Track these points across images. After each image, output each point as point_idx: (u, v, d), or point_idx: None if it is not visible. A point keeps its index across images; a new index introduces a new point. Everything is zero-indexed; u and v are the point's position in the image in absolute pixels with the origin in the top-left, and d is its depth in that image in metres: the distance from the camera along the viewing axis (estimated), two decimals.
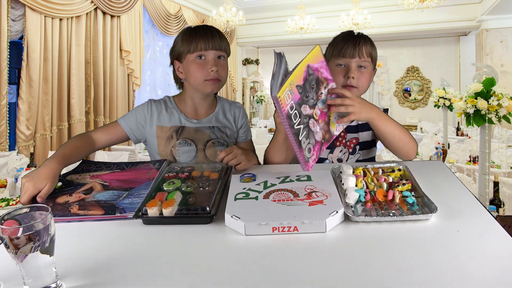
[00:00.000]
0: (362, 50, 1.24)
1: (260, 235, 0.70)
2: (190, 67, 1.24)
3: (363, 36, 1.28)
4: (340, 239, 0.69)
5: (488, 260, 0.60)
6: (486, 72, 2.74)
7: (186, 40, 1.24)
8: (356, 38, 1.26)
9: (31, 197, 0.88)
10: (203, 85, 1.24)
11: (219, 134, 1.33)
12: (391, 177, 0.91)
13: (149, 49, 6.78)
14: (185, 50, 1.24)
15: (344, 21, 6.78)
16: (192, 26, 1.30)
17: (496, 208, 2.42)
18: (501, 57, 7.03)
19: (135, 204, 0.83)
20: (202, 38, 1.22)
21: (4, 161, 3.73)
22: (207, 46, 1.22)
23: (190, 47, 1.22)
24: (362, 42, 1.24)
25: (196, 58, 1.23)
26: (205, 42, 1.22)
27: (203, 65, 1.22)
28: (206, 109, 1.35)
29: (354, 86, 1.24)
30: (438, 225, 0.72)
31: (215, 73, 1.22)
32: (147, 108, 1.31)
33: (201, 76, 1.22)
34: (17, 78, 4.66)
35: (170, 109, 1.33)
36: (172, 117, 1.31)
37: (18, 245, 0.50)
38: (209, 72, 1.22)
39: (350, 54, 1.23)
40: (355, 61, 1.24)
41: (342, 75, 1.25)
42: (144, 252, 0.66)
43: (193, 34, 1.23)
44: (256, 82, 10.51)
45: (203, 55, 1.22)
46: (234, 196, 0.83)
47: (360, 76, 1.24)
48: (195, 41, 1.22)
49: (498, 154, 4.08)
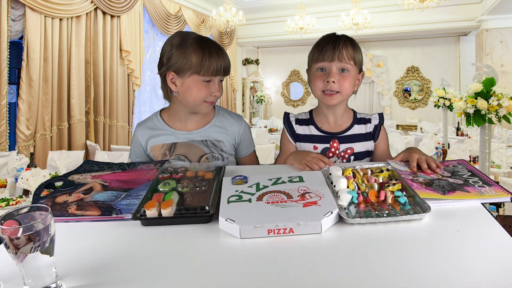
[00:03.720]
0: (342, 52, 1.17)
1: (256, 237, 0.69)
2: (192, 87, 1.19)
3: (344, 38, 1.21)
4: (335, 240, 0.69)
5: (488, 260, 0.60)
6: (486, 72, 2.74)
7: (196, 58, 1.15)
8: (336, 41, 1.19)
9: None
10: (200, 105, 1.22)
11: (213, 148, 1.29)
12: (380, 177, 0.91)
13: (149, 49, 6.78)
14: (193, 69, 1.16)
15: (344, 21, 6.78)
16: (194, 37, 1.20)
17: (496, 208, 2.42)
18: (501, 57, 7.03)
19: (132, 205, 0.83)
20: (216, 62, 1.16)
21: (4, 161, 3.73)
22: (219, 71, 1.18)
23: (200, 68, 1.16)
24: (342, 44, 1.18)
25: (202, 80, 1.18)
26: (218, 66, 1.17)
27: (208, 87, 1.19)
28: (198, 120, 1.31)
29: (335, 90, 1.19)
30: (438, 225, 0.72)
31: (216, 97, 1.21)
32: (137, 131, 1.32)
33: (202, 97, 1.20)
34: (17, 78, 4.66)
35: (160, 127, 1.30)
36: (162, 135, 1.29)
37: (18, 245, 0.50)
38: (211, 95, 1.20)
39: (329, 57, 1.18)
40: (335, 64, 1.18)
41: (322, 80, 1.20)
42: (143, 253, 0.66)
43: (204, 53, 1.16)
44: (256, 82, 10.51)
45: (211, 79, 1.19)
46: (227, 199, 0.82)
47: (342, 80, 1.19)
48: (207, 64, 1.15)
49: (498, 154, 4.07)
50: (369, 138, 1.30)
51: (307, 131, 1.31)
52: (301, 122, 1.34)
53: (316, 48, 1.23)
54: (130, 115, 6.18)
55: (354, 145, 1.28)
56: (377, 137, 1.31)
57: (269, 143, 6.08)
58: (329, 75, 1.18)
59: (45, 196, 0.90)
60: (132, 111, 6.21)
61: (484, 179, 0.90)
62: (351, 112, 1.34)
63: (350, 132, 1.29)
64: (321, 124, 1.31)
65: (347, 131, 1.29)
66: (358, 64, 1.23)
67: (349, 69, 1.20)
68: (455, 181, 0.90)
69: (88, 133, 5.41)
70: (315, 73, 1.23)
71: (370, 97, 9.64)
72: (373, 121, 1.32)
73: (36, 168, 2.84)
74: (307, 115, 1.35)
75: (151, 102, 6.99)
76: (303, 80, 10.28)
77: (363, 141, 1.29)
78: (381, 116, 1.33)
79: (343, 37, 1.22)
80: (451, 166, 1.02)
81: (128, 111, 6.13)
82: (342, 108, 1.29)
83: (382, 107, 9.49)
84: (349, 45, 1.20)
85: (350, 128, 1.30)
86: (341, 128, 1.30)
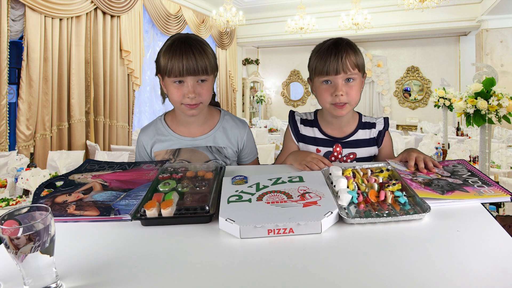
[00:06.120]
0: (346, 64, 1.14)
1: (256, 237, 0.69)
2: (168, 89, 1.17)
3: (345, 45, 1.17)
4: (335, 240, 0.69)
5: (488, 260, 0.60)
6: (486, 72, 2.74)
7: (165, 59, 1.13)
8: (338, 52, 1.14)
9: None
10: (181, 108, 1.18)
11: (217, 154, 1.28)
12: (380, 177, 0.91)
13: (149, 49, 6.78)
14: (164, 70, 1.14)
15: (344, 21, 6.78)
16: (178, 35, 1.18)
17: (496, 208, 2.42)
18: (501, 57, 7.03)
19: (131, 205, 0.83)
20: (180, 62, 1.10)
21: (4, 161, 3.73)
22: (185, 72, 1.11)
23: (166, 69, 1.12)
24: (345, 55, 1.14)
25: (174, 82, 1.15)
26: (182, 67, 1.10)
27: (180, 89, 1.14)
28: (202, 125, 1.29)
29: (345, 102, 1.16)
30: (437, 225, 0.72)
31: (193, 99, 1.15)
32: (142, 136, 1.32)
33: (178, 100, 1.16)
34: (17, 78, 4.66)
35: (164, 133, 1.29)
36: (167, 141, 1.28)
37: (18, 245, 0.50)
38: (185, 97, 1.14)
39: (334, 70, 1.14)
40: (341, 77, 1.15)
41: (330, 93, 1.17)
42: (143, 253, 0.66)
43: (172, 54, 1.12)
44: (256, 82, 10.51)
45: (182, 80, 1.14)
46: (227, 199, 0.82)
47: (349, 90, 1.16)
48: (171, 64, 1.11)
49: (498, 154, 4.07)
50: (372, 144, 1.29)
51: (311, 133, 1.31)
52: (306, 123, 1.33)
53: (318, 59, 1.18)
54: (130, 115, 6.18)
55: (357, 150, 1.27)
56: (381, 143, 1.30)
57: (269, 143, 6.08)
58: (337, 89, 1.15)
59: (45, 196, 0.89)
60: (132, 111, 6.21)
61: (484, 179, 0.90)
62: (356, 116, 1.32)
63: (353, 137, 1.28)
64: (325, 128, 1.30)
65: (350, 136, 1.28)
66: (362, 69, 1.20)
67: (355, 77, 1.17)
68: (454, 181, 0.90)
69: (88, 133, 5.41)
70: (321, 86, 1.20)
71: (370, 97, 9.64)
72: (378, 126, 1.30)
73: (36, 168, 2.84)
74: (312, 116, 1.34)
75: (151, 102, 6.99)
76: (303, 80, 10.27)
77: (366, 147, 1.28)
78: (386, 121, 1.31)
79: (344, 44, 1.17)
80: (450, 166, 1.02)
81: (128, 111, 6.13)
82: (349, 115, 1.27)
83: (382, 107, 9.49)
84: (351, 53, 1.16)
85: (354, 133, 1.28)
86: (345, 133, 1.28)
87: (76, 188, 0.93)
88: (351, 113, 1.28)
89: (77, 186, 0.95)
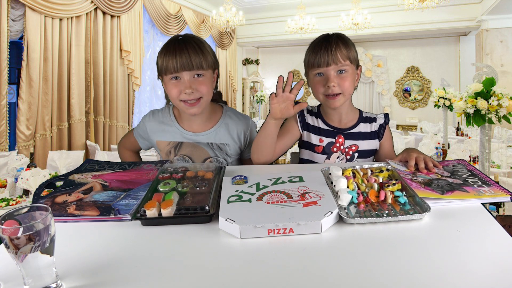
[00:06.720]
0: (337, 55, 1.18)
1: (256, 237, 0.69)
2: (167, 87, 1.21)
3: (335, 38, 1.21)
4: (335, 240, 0.68)
5: (488, 260, 0.60)
6: (486, 72, 2.74)
7: (161, 58, 1.17)
8: (328, 44, 1.19)
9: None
10: (181, 106, 1.21)
11: (218, 151, 1.30)
12: (380, 177, 0.91)
13: (149, 49, 6.78)
14: (161, 69, 1.18)
15: (344, 21, 6.78)
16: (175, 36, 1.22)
17: (496, 208, 2.42)
18: (501, 57, 7.03)
19: (131, 205, 0.83)
20: (175, 58, 1.14)
21: (4, 161, 3.74)
22: (179, 68, 1.15)
23: (163, 67, 1.17)
24: (335, 47, 1.18)
25: (171, 79, 1.18)
26: (177, 63, 1.14)
27: (177, 85, 1.17)
28: (204, 122, 1.31)
29: (337, 93, 1.20)
30: (437, 225, 0.72)
31: (191, 94, 1.17)
32: (148, 120, 1.33)
33: (175, 97, 1.18)
34: (17, 78, 4.66)
35: (169, 123, 1.31)
36: (170, 131, 1.30)
37: (18, 245, 0.50)
38: (183, 93, 1.17)
39: (325, 62, 1.18)
40: (332, 68, 1.19)
41: (322, 85, 1.21)
42: (143, 253, 0.66)
43: (167, 52, 1.16)
44: (256, 82, 10.51)
45: (178, 76, 1.17)
46: (227, 199, 0.82)
47: (341, 81, 1.20)
48: (166, 61, 1.15)
49: (498, 154, 4.08)
50: (374, 137, 1.32)
51: (316, 123, 1.33)
52: (311, 113, 1.35)
53: (310, 53, 1.23)
54: (130, 115, 6.19)
55: (359, 143, 1.29)
56: (382, 136, 1.33)
57: None
58: (328, 80, 1.19)
59: (45, 196, 0.89)
60: (132, 111, 6.22)
61: (484, 179, 0.90)
62: (356, 111, 1.36)
63: (355, 130, 1.31)
64: (328, 119, 1.33)
65: (352, 128, 1.31)
66: (354, 61, 1.24)
67: (347, 69, 1.21)
68: (454, 181, 0.90)
69: (88, 133, 5.42)
70: (314, 78, 1.24)
71: (370, 97, 9.64)
72: (379, 120, 1.34)
73: (36, 168, 2.84)
74: (316, 109, 1.37)
75: (151, 102, 6.99)
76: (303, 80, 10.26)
77: (368, 139, 1.31)
78: (386, 116, 1.36)
79: (334, 38, 1.21)
80: (450, 166, 1.02)
81: (128, 111, 6.13)
82: (346, 107, 1.30)
83: (382, 107, 9.49)
84: (342, 45, 1.20)
85: (355, 126, 1.32)
86: (346, 125, 1.32)
87: (76, 188, 0.93)
88: (348, 104, 1.31)
89: (77, 186, 0.95)
